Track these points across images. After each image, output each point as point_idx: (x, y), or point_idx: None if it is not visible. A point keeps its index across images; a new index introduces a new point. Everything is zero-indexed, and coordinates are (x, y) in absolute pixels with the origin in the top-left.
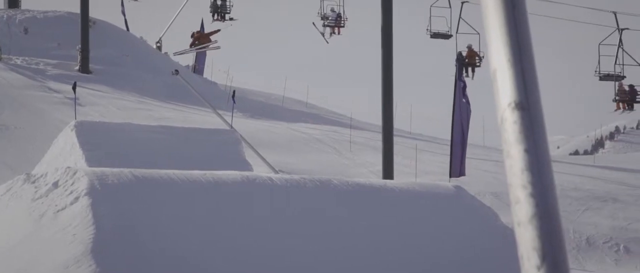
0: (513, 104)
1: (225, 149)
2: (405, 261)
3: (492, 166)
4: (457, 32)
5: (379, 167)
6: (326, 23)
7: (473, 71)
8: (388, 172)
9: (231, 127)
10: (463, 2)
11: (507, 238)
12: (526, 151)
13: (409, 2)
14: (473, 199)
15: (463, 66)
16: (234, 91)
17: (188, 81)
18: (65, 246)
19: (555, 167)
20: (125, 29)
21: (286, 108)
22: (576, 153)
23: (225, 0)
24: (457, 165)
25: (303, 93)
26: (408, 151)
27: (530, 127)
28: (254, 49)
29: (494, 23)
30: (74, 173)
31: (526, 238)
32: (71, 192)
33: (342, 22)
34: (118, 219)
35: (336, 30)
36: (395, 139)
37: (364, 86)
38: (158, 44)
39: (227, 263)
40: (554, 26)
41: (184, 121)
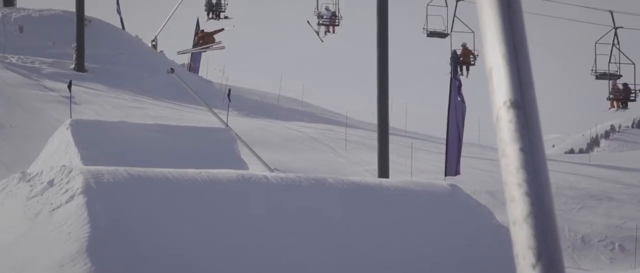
0: (508, 103)
1: (220, 148)
2: (400, 259)
3: (488, 165)
4: (452, 31)
5: (375, 166)
6: (321, 22)
7: (467, 70)
8: (383, 171)
9: (227, 126)
10: (458, 1)
11: (503, 236)
12: (521, 150)
13: (404, 1)
14: (468, 198)
15: (458, 65)
16: (230, 89)
17: (183, 79)
18: (60, 244)
19: (550, 166)
20: (120, 28)
21: (281, 106)
22: (571, 151)
23: None
24: (453, 164)
25: (298, 91)
26: (403, 150)
27: (525, 126)
28: (250, 48)
29: (490, 22)
30: (69, 171)
31: (521, 236)
32: (66, 191)
33: (337, 21)
34: (113, 217)
35: (331, 28)
36: (390, 138)
37: (360, 85)
38: (153, 43)
39: (223, 261)
40: (550, 25)
41: (180, 120)
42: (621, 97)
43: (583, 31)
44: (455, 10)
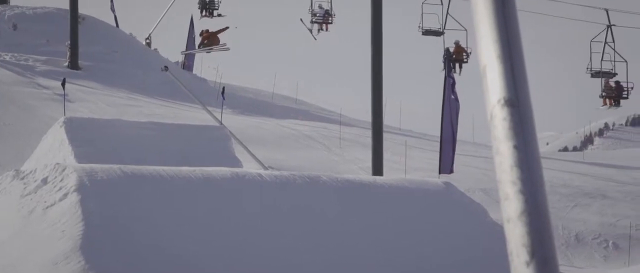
0: (502, 101)
1: (215, 145)
2: (394, 257)
3: (482, 162)
4: (445, 29)
5: (369, 164)
6: (314, 19)
7: (460, 67)
8: (377, 169)
9: (221, 124)
10: None
11: (497, 234)
12: (515, 147)
13: None
14: (462, 195)
15: (451, 62)
16: (224, 87)
17: (178, 77)
18: (54, 242)
19: (544, 164)
20: (114, 25)
21: (275, 104)
22: (565, 149)
23: None
24: (447, 162)
25: (292, 89)
26: (397, 147)
27: (519, 124)
28: (244, 46)
29: (484, 20)
30: (63, 169)
31: (515, 234)
32: (60, 188)
33: (330, 19)
34: (107, 215)
35: (324, 26)
36: (384, 136)
37: (354, 83)
38: (147, 41)
39: (217, 258)
40: (545, 23)
41: (174, 117)
42: (613, 95)
43: (578, 29)
44: (448, 8)
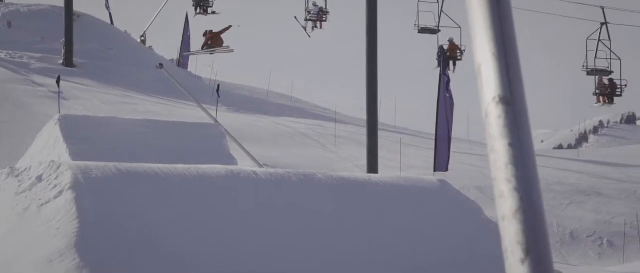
0: (497, 98)
1: (210, 143)
2: (389, 254)
3: (477, 160)
4: (439, 26)
5: (364, 161)
6: (308, 17)
7: (454, 65)
8: (372, 166)
9: (216, 121)
10: None
11: (492, 232)
12: (510, 145)
13: None
14: (457, 193)
15: (447, 60)
16: (219, 85)
17: (172, 75)
18: (49, 240)
19: (539, 161)
20: (109, 23)
21: (271, 102)
22: (560, 147)
23: None
24: (442, 159)
25: (287, 87)
26: (393, 145)
27: (514, 122)
28: (238, 43)
29: (479, 17)
30: (58, 167)
31: (510, 232)
32: (55, 186)
33: (325, 17)
34: (102, 213)
35: (318, 24)
36: (379, 133)
37: (349, 80)
38: (142, 38)
39: (212, 256)
40: (540, 21)
41: (169, 115)
42: (607, 93)
43: (573, 27)
44: (442, 5)
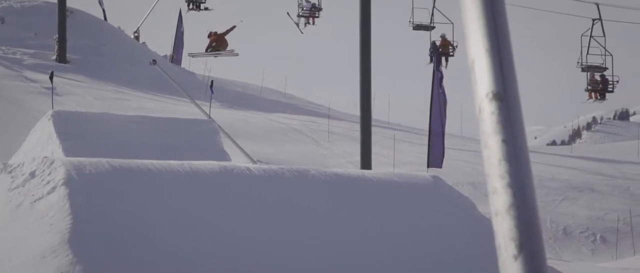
0: (491, 95)
1: (203, 139)
2: (382, 250)
3: (470, 156)
4: (432, 23)
5: (357, 157)
6: (301, 13)
7: (446, 61)
8: (366, 162)
9: (209, 117)
10: None
11: (485, 228)
12: (504, 141)
13: None
14: (451, 189)
15: (439, 56)
16: (212, 81)
17: (166, 71)
18: (42, 236)
19: (532, 157)
20: (102, 19)
21: (264, 98)
22: (554, 143)
23: None
24: (436, 155)
25: (281, 83)
26: (386, 141)
27: (508, 118)
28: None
29: (472, 13)
30: (51, 163)
31: (503, 228)
32: (48, 182)
33: (317, 13)
34: (95, 209)
35: (311, 20)
36: (373, 129)
37: (342, 76)
38: (136, 34)
39: (205, 252)
40: (534, 17)
41: (162, 111)
42: (599, 89)
43: (568, 23)
44: (434, 1)
